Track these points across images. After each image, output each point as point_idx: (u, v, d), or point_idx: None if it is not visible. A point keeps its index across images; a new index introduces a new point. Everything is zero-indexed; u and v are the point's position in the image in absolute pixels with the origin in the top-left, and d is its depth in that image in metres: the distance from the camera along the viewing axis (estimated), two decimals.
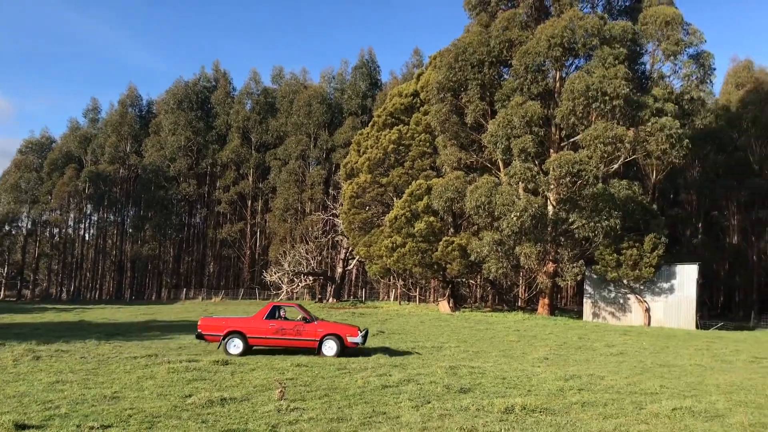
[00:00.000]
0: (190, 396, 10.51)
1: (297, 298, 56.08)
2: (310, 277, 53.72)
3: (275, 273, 51.81)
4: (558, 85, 40.11)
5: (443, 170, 41.91)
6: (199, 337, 17.65)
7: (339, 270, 54.95)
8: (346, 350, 16.78)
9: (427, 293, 58.76)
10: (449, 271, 41.19)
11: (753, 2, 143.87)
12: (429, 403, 10.51)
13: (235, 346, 16.87)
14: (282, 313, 17.94)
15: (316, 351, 16.78)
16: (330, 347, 16.66)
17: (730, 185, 60.18)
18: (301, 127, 71.55)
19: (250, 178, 75.92)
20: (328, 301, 50.58)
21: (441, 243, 39.92)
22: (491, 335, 24.66)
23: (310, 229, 62.98)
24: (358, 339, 16.67)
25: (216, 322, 17.64)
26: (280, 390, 10.67)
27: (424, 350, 18.96)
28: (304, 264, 53.42)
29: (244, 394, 10.86)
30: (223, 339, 16.97)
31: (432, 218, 40.41)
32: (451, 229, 43.28)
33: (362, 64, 76.01)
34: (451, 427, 8.62)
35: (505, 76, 41.63)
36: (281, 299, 51.98)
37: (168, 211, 77.35)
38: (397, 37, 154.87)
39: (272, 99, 77.72)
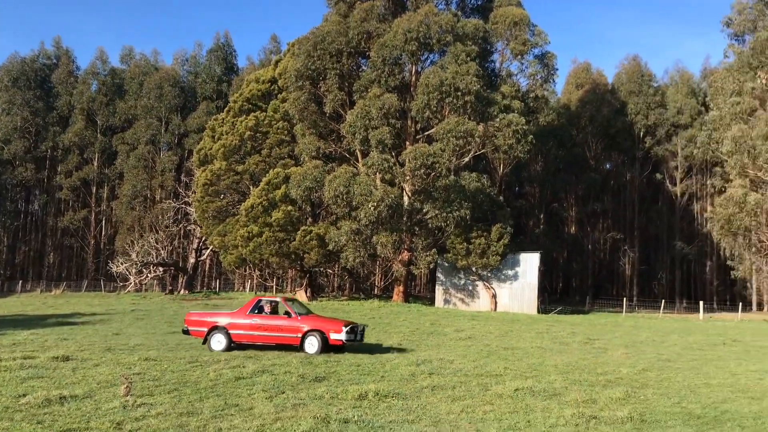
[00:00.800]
0: (24, 395, 9.74)
1: (146, 290, 53.71)
2: (160, 268, 51.60)
3: (122, 264, 49.21)
4: (414, 78, 41.07)
5: (302, 159, 41.69)
6: (185, 332, 16.93)
7: (191, 260, 53.17)
8: (329, 348, 15.62)
9: (285, 283, 58.36)
10: (307, 261, 41.11)
11: (591, 8, 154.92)
12: (283, 393, 10.44)
13: (218, 342, 16.12)
14: (267, 307, 16.76)
15: (299, 348, 15.74)
16: (311, 344, 15.58)
17: (569, 179, 64.62)
18: (151, 111, 68.29)
19: (95, 163, 71.47)
20: (179, 292, 48.79)
21: (299, 232, 39.75)
22: None
23: (160, 217, 60.45)
24: (341, 336, 15.37)
25: (201, 316, 16.89)
26: (125, 386, 10.15)
27: None
28: (154, 254, 51.19)
29: (87, 391, 10.22)
30: (208, 334, 16.25)
31: (290, 207, 40.11)
32: (310, 219, 43.21)
33: (218, 48, 73.74)
34: (305, 416, 8.60)
35: (364, 68, 42.05)
36: (128, 291, 49.55)
37: (1, 197, 71.21)
38: (254, 21, 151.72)
39: (120, 80, 73.45)
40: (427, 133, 40.17)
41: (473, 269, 39.59)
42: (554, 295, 64.90)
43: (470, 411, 9.48)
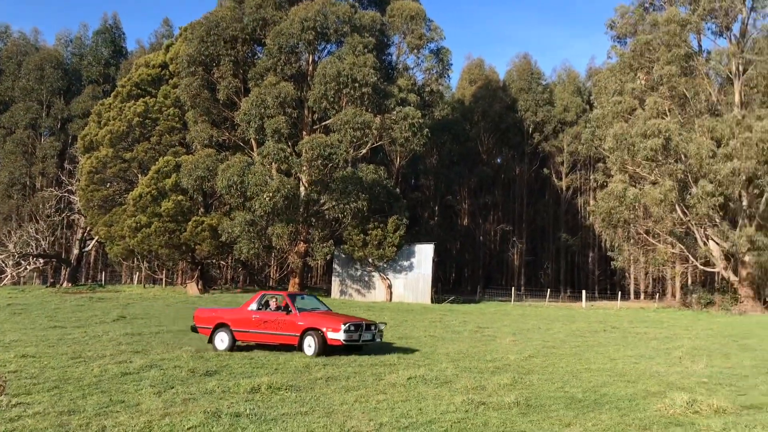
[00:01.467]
0: None
1: (24, 283, 50.66)
2: (41, 260, 48.82)
3: None
4: (311, 68, 40.76)
5: (194, 147, 40.50)
6: (194, 330, 15.91)
7: (75, 252, 50.56)
8: (330, 349, 13.99)
9: (175, 275, 56.62)
10: (199, 253, 40.05)
11: (485, 6, 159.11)
12: (172, 388, 10.09)
13: (222, 340, 14.96)
14: (273, 303, 15.45)
15: (298, 348, 14.30)
16: (309, 345, 14.04)
17: (462, 172, 66.20)
18: (31, 93, 64.26)
19: None
20: (62, 285, 46.32)
21: (190, 223, 38.64)
22: None
23: (41, 206, 57.07)
24: (338, 335, 13.72)
25: (208, 313, 15.90)
26: None
27: (169, 334, 18.21)
28: (33, 245, 48.36)
29: None
30: (213, 332, 15.12)
31: (181, 197, 38.92)
32: (202, 209, 42.10)
33: (105, 30, 70.27)
34: (195, 411, 8.35)
35: (260, 55, 41.33)
36: (5, 284, 46.55)
37: None
38: (145, 4, 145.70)
39: None
40: (324, 123, 40.00)
41: (370, 260, 39.86)
42: (448, 285, 66.48)
43: (364, 401, 9.51)
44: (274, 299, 15.69)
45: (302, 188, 38.74)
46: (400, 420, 8.31)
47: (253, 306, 15.27)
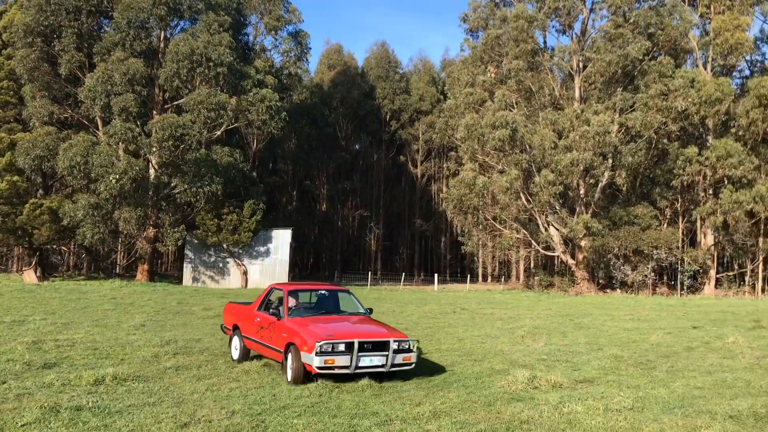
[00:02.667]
0: None
1: None
2: None
3: None
4: (163, 45, 38.98)
5: (31, 124, 37.44)
6: (223, 330, 13.29)
7: None
8: (311, 375, 9.82)
9: (10, 262, 52.39)
10: (37, 237, 37.23)
11: None
12: (5, 383, 9.33)
13: (235, 347, 12.10)
14: (292, 301, 11.49)
15: (281, 365, 10.51)
16: (289, 366, 10.02)
17: (321, 157, 66.15)
18: None
19: None
20: None
21: (27, 206, 35.80)
22: (84, 305, 23.07)
23: None
24: (309, 357, 9.47)
25: (233, 310, 12.98)
26: None
27: (2, 325, 16.80)
28: None
29: None
30: (232, 335, 12.37)
31: (16, 178, 35.95)
32: (41, 191, 39.14)
33: None
34: (30, 407, 7.77)
35: (107, 29, 38.89)
36: None
37: None
38: None
39: None
40: (176, 103, 38.44)
41: (224, 246, 38.94)
42: (305, 270, 66.44)
43: (216, 389, 9.29)
44: (292, 296, 11.68)
45: (152, 170, 37.06)
46: (253, 407, 8.20)
47: (260, 305, 11.91)
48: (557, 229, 42.98)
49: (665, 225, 46.03)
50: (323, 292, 12.37)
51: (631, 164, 41.79)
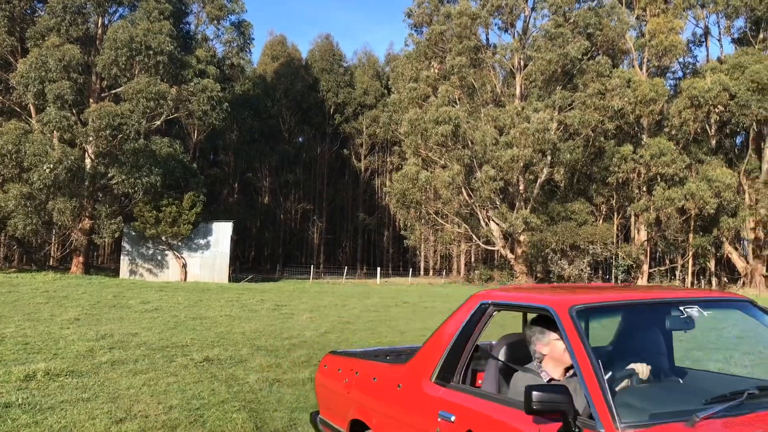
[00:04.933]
0: None
1: None
2: None
3: None
4: (101, 32, 37.86)
5: None
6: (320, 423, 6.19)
7: None
8: None
9: None
10: None
11: None
12: None
13: None
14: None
15: None
16: None
17: (263, 150, 65.53)
18: None
19: None
20: None
21: None
22: (15, 298, 22.27)
23: None
24: None
25: (367, 372, 4.68)
26: None
27: None
28: None
29: None
30: None
31: None
32: None
33: None
34: None
35: (41, 13, 37.53)
36: None
37: None
38: None
39: None
40: (114, 91, 37.41)
41: (163, 238, 38.16)
42: (246, 263, 65.71)
43: (153, 384, 9.12)
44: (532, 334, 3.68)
45: (88, 160, 36.01)
46: (192, 402, 8.08)
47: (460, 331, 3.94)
48: (497, 224, 43.70)
49: (601, 221, 47.37)
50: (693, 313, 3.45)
51: (569, 161, 42.80)
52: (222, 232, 39.86)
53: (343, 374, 4.77)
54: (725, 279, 49.38)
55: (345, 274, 47.67)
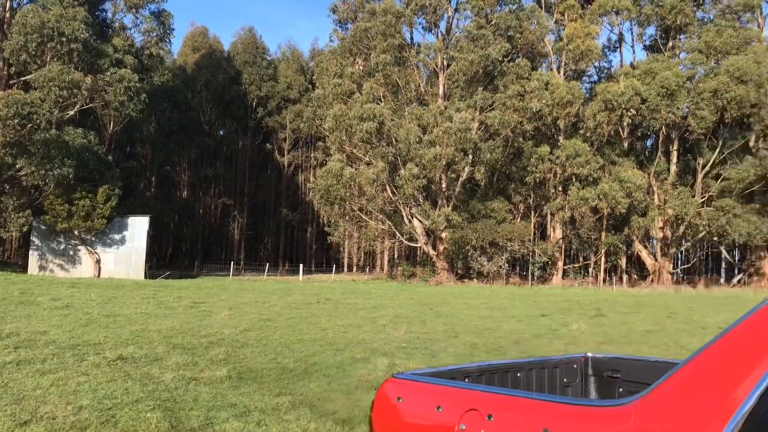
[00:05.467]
0: None
1: None
2: None
3: None
4: (9, 15, 36.03)
5: None
6: None
7: None
8: None
9: None
10: None
11: None
12: None
13: None
14: None
15: None
16: None
17: (183, 142, 63.96)
18: None
19: None
20: None
21: None
22: None
23: None
24: None
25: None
26: None
27: None
28: None
29: None
30: None
31: None
32: None
33: None
34: None
35: None
36: None
37: None
38: None
39: None
40: (24, 78, 35.66)
41: (76, 233, 36.69)
42: (164, 259, 64.00)
43: (62, 384, 8.74)
44: None
45: None
46: (103, 401, 7.80)
47: None
48: (420, 221, 44.18)
49: (519, 219, 48.62)
50: None
51: (489, 161, 43.70)
52: (138, 226, 38.67)
53: (449, 415, 2.80)
54: (635, 276, 51.56)
55: (266, 270, 47.13)
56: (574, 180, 45.55)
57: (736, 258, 55.25)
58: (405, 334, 14.86)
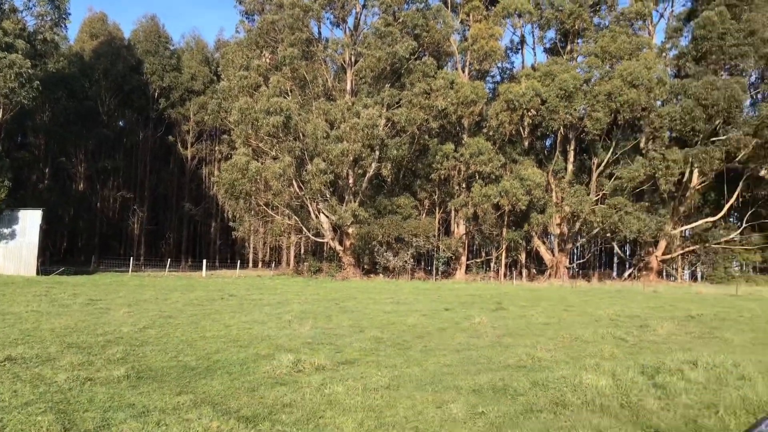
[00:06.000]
0: None
1: None
2: None
3: None
4: None
5: None
6: None
7: None
8: None
9: None
10: None
11: None
12: None
13: None
14: None
15: None
16: None
17: (79, 133, 61.14)
18: None
19: None
20: None
21: None
22: None
23: None
24: None
25: None
26: None
27: None
28: None
29: None
30: None
31: None
32: None
33: None
34: None
35: None
36: None
37: None
38: None
39: None
40: None
41: None
42: (58, 255, 61.06)
43: None
44: None
45: None
46: None
47: None
48: (327, 217, 44.14)
49: (424, 215, 49.43)
50: None
51: (395, 157, 44.18)
52: (30, 220, 36.71)
53: None
54: (534, 270, 53.50)
55: (168, 266, 45.79)
56: (477, 177, 46.70)
57: (627, 253, 58.33)
58: (311, 330, 14.85)
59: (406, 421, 7.25)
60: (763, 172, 49.15)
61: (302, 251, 58.22)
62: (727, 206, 51.08)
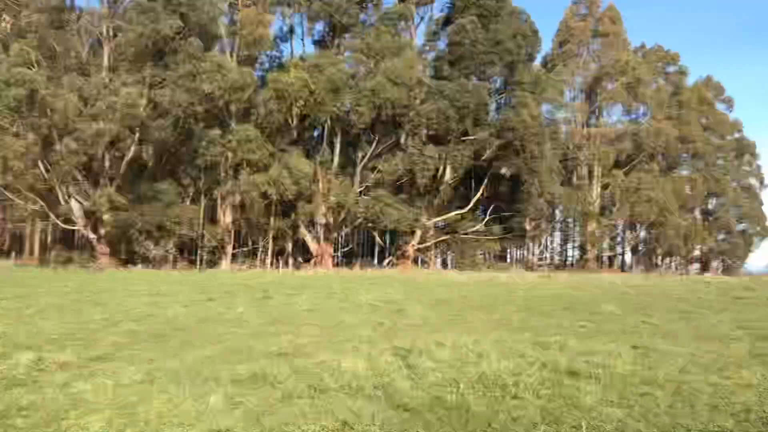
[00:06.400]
0: None
1: None
2: None
3: None
4: None
5: None
6: None
7: None
8: None
9: None
10: None
11: None
12: None
13: None
14: None
15: None
16: None
17: None
18: None
19: None
20: None
21: None
22: None
23: None
24: None
25: None
26: None
27: None
28: None
29: None
30: None
31: None
32: None
33: None
34: None
35: None
36: None
37: None
38: None
39: None
40: None
41: None
42: None
43: None
44: None
45: None
46: None
47: None
48: (80, 202, 40.85)
49: (188, 202, 47.74)
50: None
51: (158, 140, 42.13)
52: None
53: None
54: (300, 259, 54.19)
55: None
56: (245, 165, 46.08)
57: (387, 242, 61.46)
58: (56, 325, 13.58)
59: (161, 416, 6.89)
60: (503, 170, 54.53)
61: (49, 239, 53.14)
62: (474, 200, 55.92)
